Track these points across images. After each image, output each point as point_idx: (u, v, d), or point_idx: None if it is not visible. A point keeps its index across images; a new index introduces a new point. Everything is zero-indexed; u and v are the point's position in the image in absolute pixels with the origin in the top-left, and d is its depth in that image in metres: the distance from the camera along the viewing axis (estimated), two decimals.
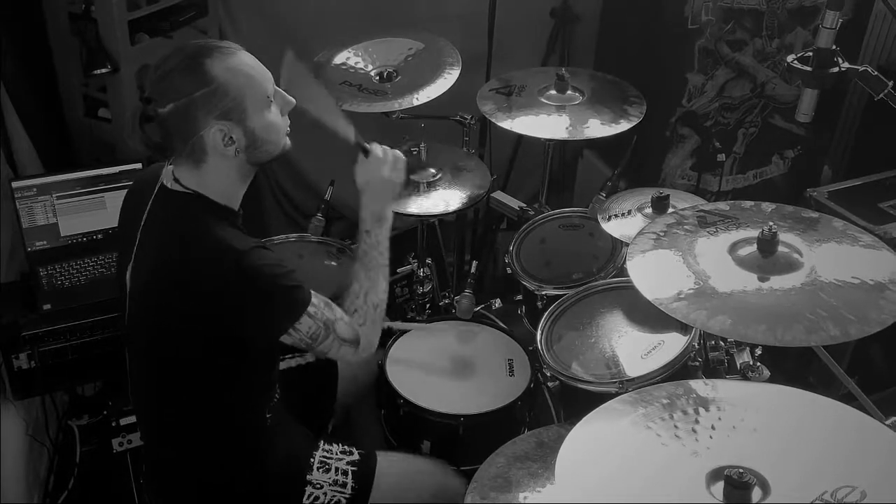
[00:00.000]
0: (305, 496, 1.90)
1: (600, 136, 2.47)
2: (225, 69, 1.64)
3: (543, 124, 2.51)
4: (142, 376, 1.86)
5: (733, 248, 1.71)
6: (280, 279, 1.69)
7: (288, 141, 1.79)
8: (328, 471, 1.93)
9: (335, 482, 1.92)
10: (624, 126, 2.47)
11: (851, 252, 1.68)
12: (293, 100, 1.77)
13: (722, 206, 1.86)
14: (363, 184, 1.89)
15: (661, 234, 1.79)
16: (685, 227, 1.79)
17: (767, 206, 1.83)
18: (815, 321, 1.50)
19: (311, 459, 1.94)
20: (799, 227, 1.74)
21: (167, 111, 1.63)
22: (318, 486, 1.91)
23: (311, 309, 1.70)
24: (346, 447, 1.99)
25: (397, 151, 1.92)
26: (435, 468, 2.06)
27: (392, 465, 2.01)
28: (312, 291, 1.73)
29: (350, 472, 1.94)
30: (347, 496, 1.92)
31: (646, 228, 1.83)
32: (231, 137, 1.66)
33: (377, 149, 1.91)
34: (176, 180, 1.73)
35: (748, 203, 1.85)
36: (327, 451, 1.97)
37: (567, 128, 2.50)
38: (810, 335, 1.48)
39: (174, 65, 1.64)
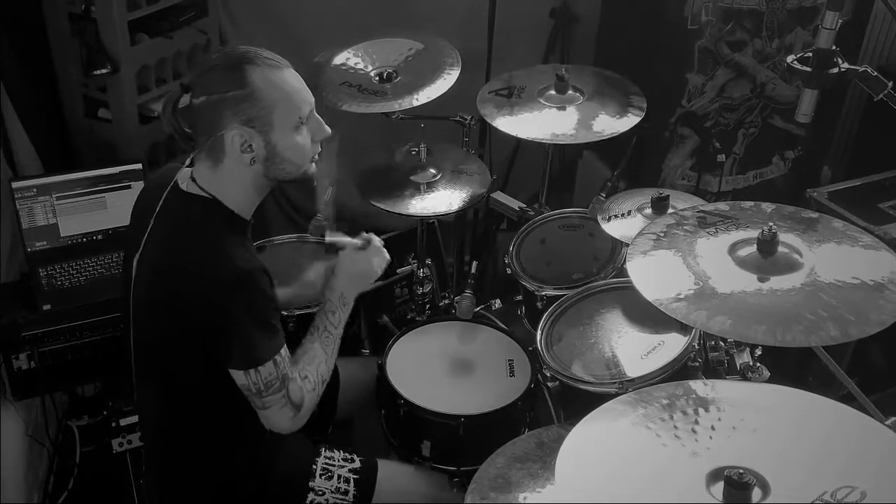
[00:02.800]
0: (307, 502, 1.90)
1: (610, 132, 2.44)
2: (263, 79, 1.65)
3: (546, 125, 2.49)
4: (142, 374, 1.86)
5: (733, 248, 1.71)
6: (269, 314, 1.69)
7: (313, 167, 1.79)
8: (331, 478, 1.93)
9: (337, 489, 1.93)
10: (631, 119, 2.46)
11: (851, 252, 1.68)
12: (329, 130, 1.77)
13: (722, 206, 1.86)
14: (348, 268, 1.95)
15: (661, 234, 1.79)
16: (685, 227, 1.79)
17: (767, 207, 1.83)
18: (815, 321, 1.50)
19: (314, 466, 1.94)
20: (799, 228, 1.74)
21: (199, 102, 1.66)
22: (321, 492, 1.92)
23: (277, 357, 1.68)
24: (347, 454, 2.00)
25: (381, 246, 2.00)
26: (434, 480, 2.07)
27: (392, 476, 2.02)
28: (285, 344, 1.73)
29: (352, 480, 1.95)
30: (349, 503, 1.92)
31: (646, 229, 1.83)
32: (250, 145, 1.67)
33: (376, 240, 2.00)
34: (193, 180, 1.73)
35: (748, 203, 1.85)
36: (329, 458, 1.97)
37: (574, 128, 2.48)
38: (810, 336, 1.48)
39: (219, 62, 1.67)
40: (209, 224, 1.70)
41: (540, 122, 2.50)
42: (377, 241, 2.00)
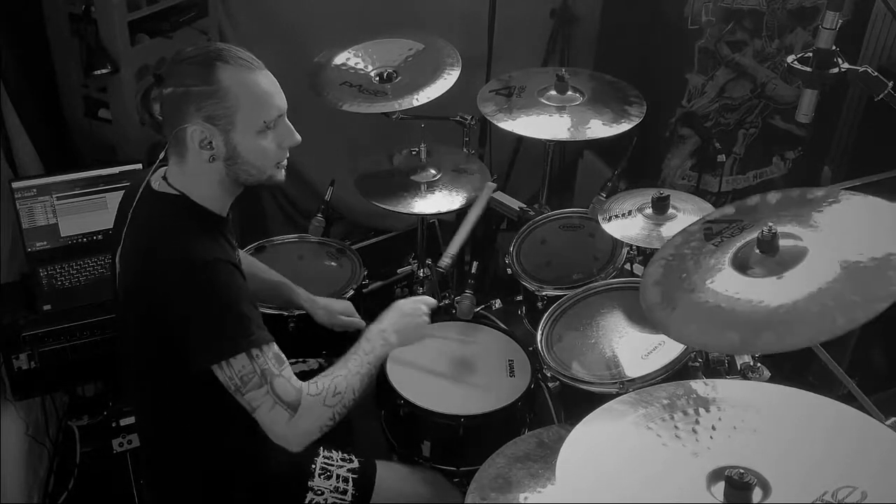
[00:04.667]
0: (306, 502, 1.90)
1: (602, 136, 2.46)
2: (232, 78, 1.64)
3: (544, 125, 2.51)
4: (131, 371, 1.86)
5: (735, 256, 1.66)
6: (233, 304, 1.64)
7: (279, 174, 1.77)
8: (329, 477, 1.93)
9: (336, 489, 1.92)
10: (624, 126, 2.47)
11: (855, 226, 1.61)
12: (299, 138, 1.75)
13: (728, 209, 1.83)
14: (406, 306, 1.93)
15: (671, 258, 1.74)
16: (692, 244, 1.75)
17: (773, 197, 1.78)
18: (821, 316, 1.45)
19: (313, 465, 1.94)
20: (801, 214, 1.68)
21: (167, 93, 1.66)
22: (320, 492, 1.91)
23: (254, 351, 1.63)
24: (346, 454, 2.00)
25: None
26: (433, 479, 2.07)
27: (391, 475, 2.02)
28: (273, 343, 1.68)
29: (350, 480, 1.95)
30: (347, 503, 1.92)
31: (657, 256, 1.78)
32: (210, 142, 1.66)
33: (432, 300, 2.02)
34: (165, 179, 1.74)
35: (753, 199, 1.80)
36: (328, 458, 1.97)
37: (569, 128, 2.50)
38: (817, 333, 1.44)
39: (192, 55, 1.67)
40: (177, 221, 1.70)
41: (539, 123, 2.51)
42: (432, 301, 2.02)
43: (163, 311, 1.64)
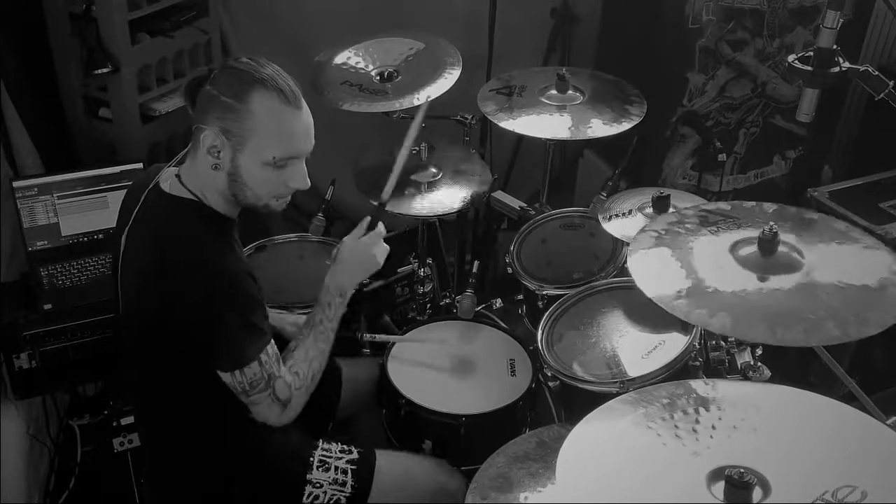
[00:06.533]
0: (305, 495, 1.90)
1: (602, 135, 2.46)
2: (263, 105, 1.66)
3: (545, 124, 2.51)
4: (134, 373, 1.87)
5: (734, 247, 1.69)
6: (255, 316, 1.69)
7: (276, 206, 1.78)
8: (328, 470, 1.93)
9: (335, 481, 1.92)
10: (625, 126, 2.47)
11: (852, 253, 1.66)
12: (308, 184, 1.77)
13: (723, 205, 1.85)
14: (348, 258, 1.92)
15: (663, 231, 1.77)
16: (686, 226, 1.78)
17: (769, 207, 1.82)
18: (816, 321, 1.49)
19: (311, 458, 1.94)
20: (800, 228, 1.73)
21: (204, 90, 1.69)
22: (318, 485, 1.91)
23: (263, 356, 1.69)
24: (344, 446, 2.00)
25: (383, 235, 1.96)
26: (435, 467, 2.06)
27: (392, 464, 2.01)
28: (272, 340, 1.73)
29: (350, 471, 1.94)
30: (347, 495, 1.92)
31: (648, 226, 1.81)
32: (219, 152, 1.68)
33: (381, 226, 1.96)
34: (178, 178, 1.75)
35: (750, 203, 1.84)
36: (326, 451, 1.97)
37: (569, 128, 2.50)
38: (810, 335, 1.47)
39: (241, 67, 1.68)
40: (191, 226, 1.72)
41: (540, 122, 2.51)
42: (381, 227, 1.97)
43: (176, 316, 1.65)
